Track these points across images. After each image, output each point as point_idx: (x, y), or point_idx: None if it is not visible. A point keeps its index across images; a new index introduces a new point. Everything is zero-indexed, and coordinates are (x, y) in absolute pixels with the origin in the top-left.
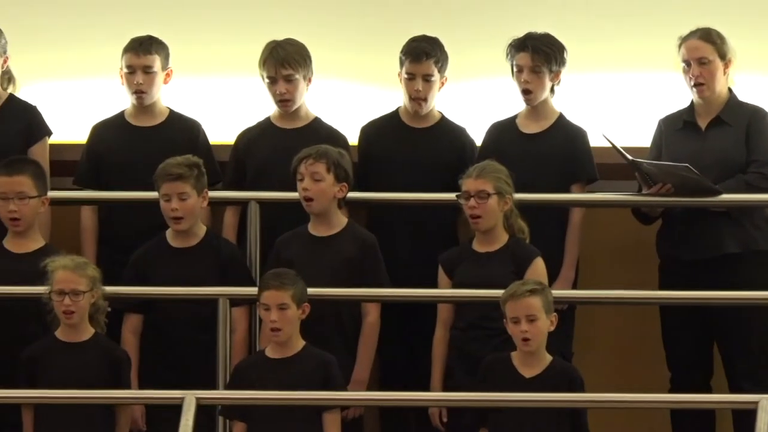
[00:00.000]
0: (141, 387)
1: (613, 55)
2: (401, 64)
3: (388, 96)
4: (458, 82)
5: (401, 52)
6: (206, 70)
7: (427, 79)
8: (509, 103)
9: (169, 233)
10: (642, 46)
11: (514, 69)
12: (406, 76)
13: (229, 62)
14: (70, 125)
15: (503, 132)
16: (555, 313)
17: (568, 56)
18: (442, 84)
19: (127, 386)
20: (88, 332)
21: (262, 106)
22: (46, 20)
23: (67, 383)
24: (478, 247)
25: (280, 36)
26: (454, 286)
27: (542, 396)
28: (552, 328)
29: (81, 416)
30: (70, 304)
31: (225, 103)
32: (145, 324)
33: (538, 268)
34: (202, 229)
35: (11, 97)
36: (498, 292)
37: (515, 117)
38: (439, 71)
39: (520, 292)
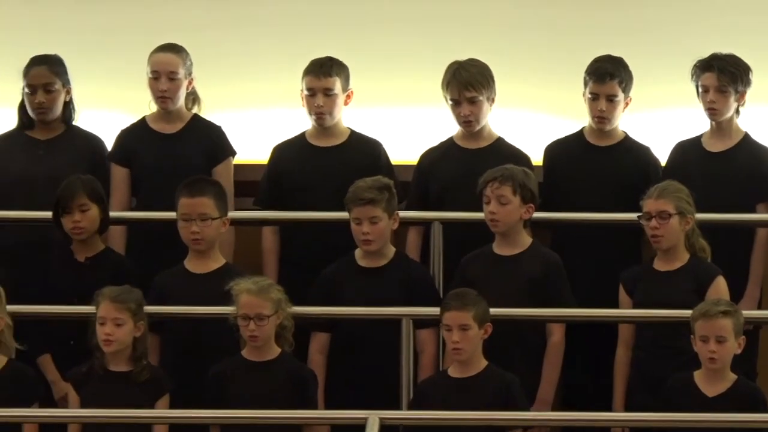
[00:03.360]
0: (327, 406)
1: None
2: (585, 84)
3: (569, 125)
4: (644, 111)
5: (585, 72)
6: (389, 101)
7: (610, 99)
8: (691, 131)
9: (357, 253)
10: None
11: (700, 89)
12: (589, 96)
13: (414, 93)
14: (251, 145)
15: (688, 151)
16: (744, 336)
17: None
18: (627, 104)
19: (314, 406)
20: (274, 352)
21: (443, 129)
22: (234, 51)
23: (254, 403)
24: (659, 265)
25: None
26: (635, 305)
27: (725, 416)
28: (739, 351)
29: None
30: (254, 329)
31: (406, 126)
32: (332, 343)
33: (720, 286)
34: (391, 250)
35: (196, 117)
36: (681, 312)
37: (700, 136)
38: (623, 91)
39: (712, 312)
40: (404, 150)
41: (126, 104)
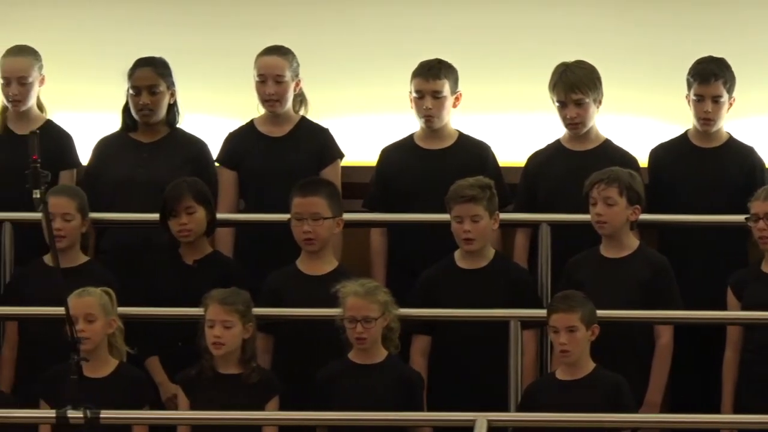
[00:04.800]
0: (428, 408)
1: None
2: (689, 86)
3: (671, 129)
4: (750, 116)
5: (689, 74)
6: (497, 106)
7: (716, 100)
8: None
9: (457, 254)
10: None
11: None
12: (694, 97)
13: (523, 97)
14: (359, 147)
15: None
16: None
17: None
18: (731, 104)
19: (420, 408)
20: (381, 354)
21: (551, 133)
22: (342, 55)
23: (361, 405)
24: (766, 268)
25: None
26: (744, 307)
27: None
28: None
29: None
30: (362, 332)
31: (514, 128)
32: (433, 345)
33: None
34: (491, 252)
35: (303, 119)
36: None
37: None
38: (727, 92)
39: None
40: (512, 152)
41: (231, 109)
